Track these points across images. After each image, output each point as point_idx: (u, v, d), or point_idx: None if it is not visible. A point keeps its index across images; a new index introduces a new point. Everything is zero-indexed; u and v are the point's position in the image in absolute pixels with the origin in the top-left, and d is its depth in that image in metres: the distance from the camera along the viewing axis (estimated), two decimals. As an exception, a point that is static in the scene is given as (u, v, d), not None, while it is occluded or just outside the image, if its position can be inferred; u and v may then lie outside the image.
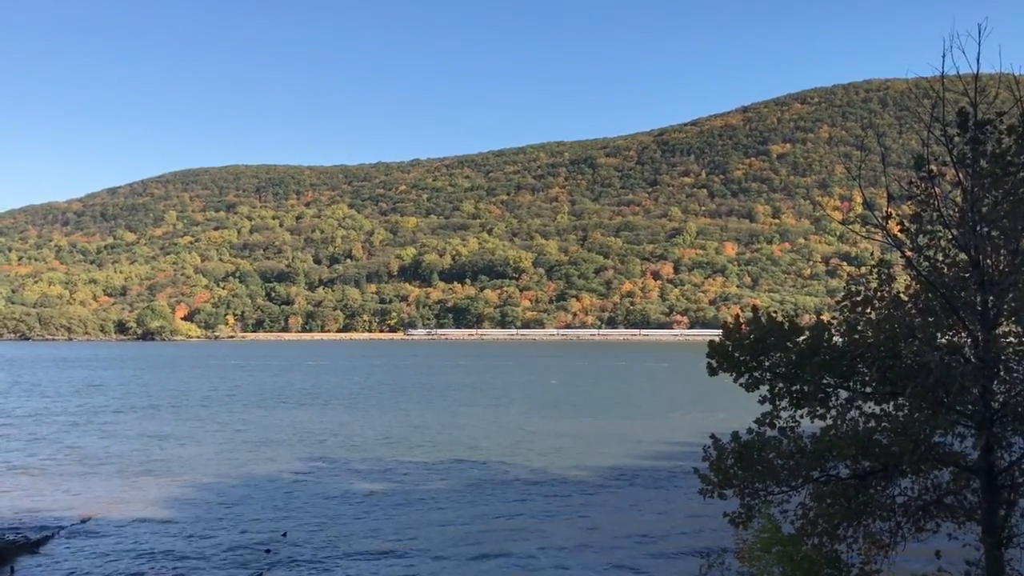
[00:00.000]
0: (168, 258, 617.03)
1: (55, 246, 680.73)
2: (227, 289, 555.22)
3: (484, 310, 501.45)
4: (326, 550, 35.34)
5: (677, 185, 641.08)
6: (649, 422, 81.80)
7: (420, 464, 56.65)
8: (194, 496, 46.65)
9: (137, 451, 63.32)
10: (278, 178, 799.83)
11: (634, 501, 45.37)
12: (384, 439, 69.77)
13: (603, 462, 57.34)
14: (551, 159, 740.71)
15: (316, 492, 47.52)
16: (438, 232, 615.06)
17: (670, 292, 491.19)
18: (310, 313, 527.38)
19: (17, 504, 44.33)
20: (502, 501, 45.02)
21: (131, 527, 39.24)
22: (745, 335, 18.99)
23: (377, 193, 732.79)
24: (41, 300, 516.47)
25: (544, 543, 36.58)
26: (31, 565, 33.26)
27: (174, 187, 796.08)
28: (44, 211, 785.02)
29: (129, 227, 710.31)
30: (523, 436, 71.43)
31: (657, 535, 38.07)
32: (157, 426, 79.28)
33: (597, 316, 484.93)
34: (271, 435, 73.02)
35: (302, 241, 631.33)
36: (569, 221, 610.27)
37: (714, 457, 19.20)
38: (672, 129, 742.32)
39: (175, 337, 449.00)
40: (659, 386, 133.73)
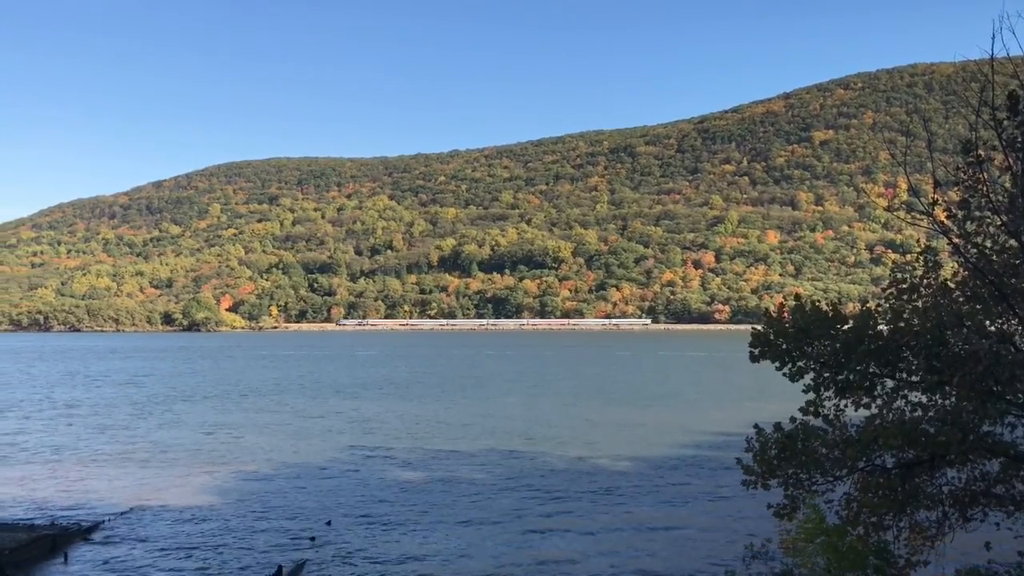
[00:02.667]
0: (213, 250, 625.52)
1: (102, 239, 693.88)
2: (270, 280, 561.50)
3: (523, 300, 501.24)
4: (369, 539, 35.71)
5: (718, 173, 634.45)
6: (691, 412, 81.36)
7: (463, 454, 56.91)
8: (242, 485, 47.36)
9: (188, 440, 64.40)
10: (319, 170, 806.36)
11: (676, 491, 45.19)
12: (429, 428, 70.19)
13: (644, 452, 57.17)
14: (590, 148, 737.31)
15: (361, 481, 47.97)
16: (477, 223, 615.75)
17: (711, 281, 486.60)
18: (352, 304, 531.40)
19: (71, 492, 45.38)
20: (545, 490, 45.11)
21: (179, 514, 39.97)
22: (788, 324, 18.81)
23: (417, 184, 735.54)
24: (90, 292, 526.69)
25: (586, 531, 36.63)
26: (83, 551, 34.03)
27: (218, 180, 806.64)
28: (92, 205, 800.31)
29: (174, 220, 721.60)
30: (566, 426, 71.41)
31: (699, 525, 37.92)
32: (208, 416, 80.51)
33: (637, 306, 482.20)
34: (319, 425, 73.81)
35: (343, 232, 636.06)
36: (608, 210, 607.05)
37: (757, 447, 19.05)
38: (713, 116, 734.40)
39: (220, 328, 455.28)
40: (700, 376, 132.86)
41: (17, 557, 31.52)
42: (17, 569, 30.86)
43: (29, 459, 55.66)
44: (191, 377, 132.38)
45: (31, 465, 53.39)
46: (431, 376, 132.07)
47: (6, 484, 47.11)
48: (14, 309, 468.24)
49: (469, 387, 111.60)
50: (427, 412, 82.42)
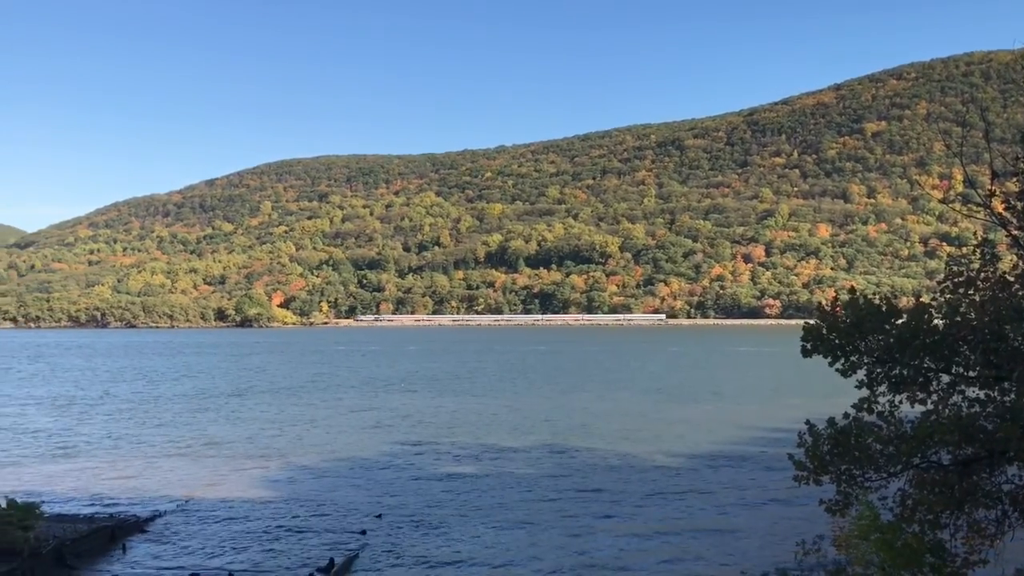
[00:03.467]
0: (264, 247, 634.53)
1: (157, 237, 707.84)
2: (321, 277, 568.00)
3: (570, 295, 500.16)
4: (419, 533, 36.00)
5: (768, 166, 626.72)
6: (741, 408, 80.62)
7: (513, 449, 57.07)
8: (294, 478, 48.06)
9: (243, 434, 65.49)
10: (368, 167, 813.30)
11: (726, 487, 44.86)
12: (478, 423, 70.52)
13: (694, 448, 56.84)
14: (637, 142, 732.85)
15: (411, 475, 48.37)
16: (524, 218, 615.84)
17: (761, 275, 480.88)
18: (400, 299, 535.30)
19: (129, 485, 46.44)
20: (593, 487, 45.06)
21: (233, 507, 40.68)
22: (841, 318, 18.56)
23: (463, 180, 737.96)
24: (145, 289, 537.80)
25: (635, 528, 36.54)
26: (140, 542, 34.82)
27: (269, 178, 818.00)
28: (146, 203, 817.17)
29: (227, 217, 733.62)
30: (614, 422, 71.25)
31: (750, 521, 37.60)
32: (263, 411, 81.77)
33: (686, 300, 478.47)
34: (371, 419, 74.55)
35: (391, 229, 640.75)
36: (656, 204, 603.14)
37: (809, 443, 18.84)
38: (762, 108, 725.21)
39: (272, 324, 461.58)
40: (750, 371, 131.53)
41: (78, 547, 32.37)
42: (78, 559, 31.67)
43: (90, 453, 57.08)
44: (246, 372, 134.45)
45: (91, 459, 54.74)
46: (480, 371, 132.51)
47: (68, 477, 48.39)
48: (73, 306, 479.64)
49: (518, 382, 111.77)
50: (477, 407, 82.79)
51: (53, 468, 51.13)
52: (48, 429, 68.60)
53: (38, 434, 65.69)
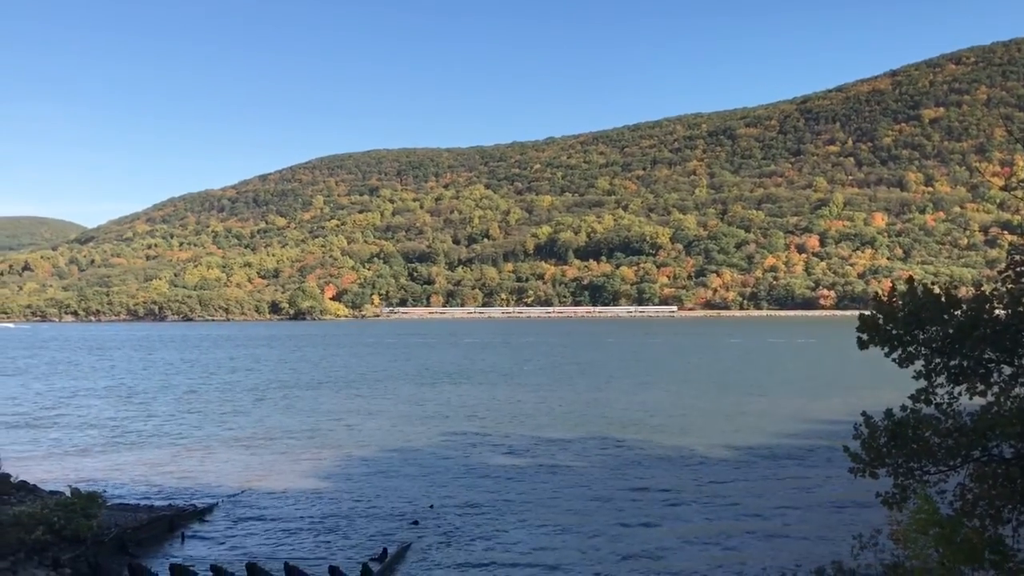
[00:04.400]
0: (316, 241, 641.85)
1: (212, 232, 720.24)
2: (372, 270, 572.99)
3: (620, 287, 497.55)
4: (471, 524, 36.19)
5: (822, 154, 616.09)
6: (795, 400, 79.58)
7: (566, 441, 57.03)
8: (349, 468, 48.62)
9: (299, 425, 66.42)
10: (418, 161, 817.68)
11: (781, 478, 44.37)
12: (532, 415, 70.59)
13: (748, 440, 56.27)
14: (688, 131, 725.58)
15: (464, 466, 48.63)
16: (573, 210, 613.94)
17: (816, 266, 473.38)
18: (450, 292, 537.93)
19: (188, 474, 47.41)
20: (646, 478, 44.88)
21: (288, 497, 41.32)
22: (898, 308, 18.20)
23: (512, 173, 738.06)
24: (201, 283, 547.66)
25: (688, 520, 36.33)
26: (198, 531, 35.55)
27: (320, 173, 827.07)
28: (201, 199, 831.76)
29: (280, 212, 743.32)
30: (669, 414, 70.84)
31: (805, 514, 37.14)
32: (319, 402, 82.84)
33: (739, 292, 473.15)
34: (425, 410, 75.13)
35: (441, 222, 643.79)
36: (708, 194, 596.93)
37: (866, 435, 18.51)
38: (816, 96, 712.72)
39: (324, 316, 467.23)
40: (804, 363, 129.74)
41: (138, 535, 33.16)
42: (139, 547, 32.42)
43: (149, 444, 58.37)
44: (301, 364, 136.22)
45: (151, 449, 55.99)
46: (532, 363, 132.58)
47: (128, 467, 49.56)
48: (131, 300, 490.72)
49: (573, 374, 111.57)
50: (531, 399, 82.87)
51: (114, 458, 52.39)
52: (110, 420, 70.32)
53: (100, 425, 67.39)
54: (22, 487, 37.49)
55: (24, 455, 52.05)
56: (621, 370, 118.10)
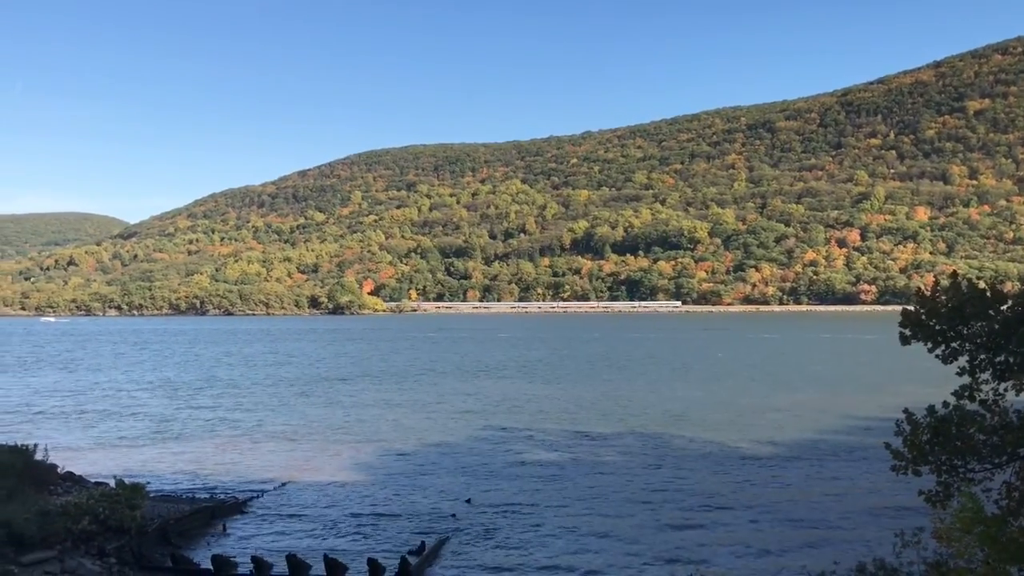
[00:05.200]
0: (355, 236, 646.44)
1: (252, 227, 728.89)
2: (409, 265, 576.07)
3: (658, 282, 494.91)
4: (508, 519, 36.28)
5: (863, 147, 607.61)
6: (834, 396, 78.69)
7: (604, 436, 56.91)
8: (388, 461, 48.97)
9: (339, 418, 66.99)
10: (454, 156, 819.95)
11: (821, 475, 43.93)
12: (571, 410, 70.52)
13: (790, 436, 55.76)
14: (727, 125, 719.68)
15: (504, 461, 48.73)
16: (610, 204, 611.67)
17: (856, 260, 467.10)
18: (486, 287, 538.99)
19: (229, 466, 48.06)
20: (685, 475, 44.65)
21: (328, 490, 41.72)
22: (942, 303, 17.91)
23: (549, 167, 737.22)
24: (241, 277, 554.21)
25: (726, 515, 36.11)
26: (239, 523, 36.02)
27: (359, 168, 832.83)
28: (242, 194, 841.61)
29: (319, 207, 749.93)
30: (707, 410, 70.39)
31: (846, 511, 36.74)
32: (359, 395, 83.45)
33: (778, 287, 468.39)
34: (464, 404, 75.37)
35: (478, 217, 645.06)
36: (747, 188, 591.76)
37: (908, 432, 18.25)
38: (857, 88, 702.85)
39: (363, 311, 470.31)
40: (846, 358, 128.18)
41: (181, 527, 33.69)
42: (181, 537, 32.93)
43: (192, 436, 59.22)
44: (341, 358, 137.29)
45: (194, 441, 56.81)
46: (572, 358, 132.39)
47: (171, 459, 50.34)
48: (173, 294, 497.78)
49: (611, 370, 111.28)
50: (570, 393, 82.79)
51: (158, 450, 53.25)
52: (153, 413, 71.46)
53: (144, 418, 68.53)
54: (68, 478, 38.23)
55: (70, 446, 53.11)
56: (659, 366, 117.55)
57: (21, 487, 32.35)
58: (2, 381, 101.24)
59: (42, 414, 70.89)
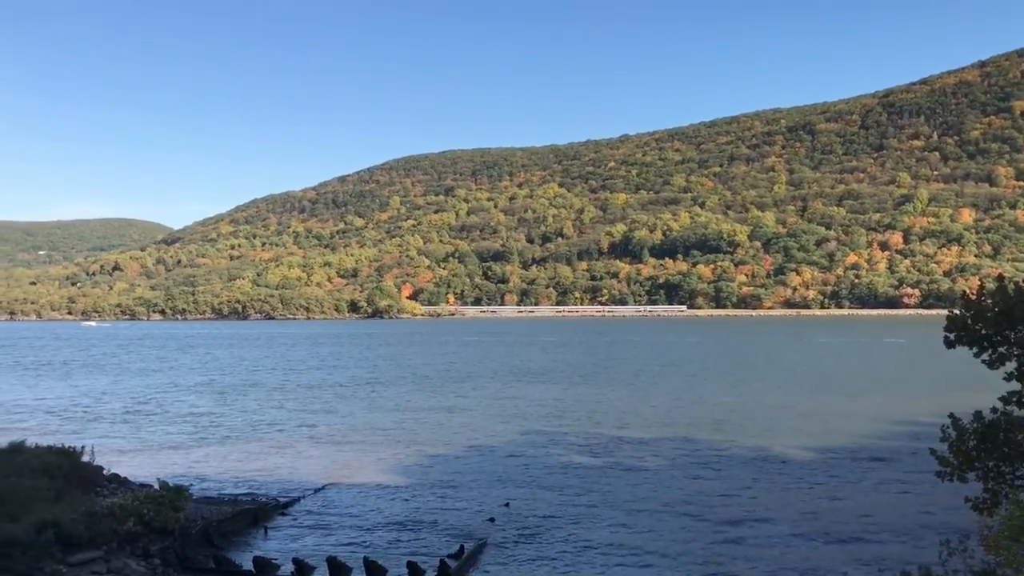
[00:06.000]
0: (393, 241, 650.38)
1: (293, 232, 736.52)
2: (447, 269, 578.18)
3: (697, 286, 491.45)
4: (546, 523, 36.23)
5: (905, 149, 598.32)
6: (877, 400, 77.54)
7: (646, 441, 56.58)
8: (428, 465, 49.17)
9: (380, 421, 67.38)
10: (492, 161, 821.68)
11: (864, 481, 43.30)
12: (613, 414, 70.21)
13: (832, 441, 55.05)
14: (766, 127, 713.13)
15: (541, 464, 48.69)
16: (648, 207, 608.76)
17: (899, 263, 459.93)
18: (524, 291, 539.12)
19: (271, 469, 48.58)
20: (725, 478, 44.32)
21: (368, 493, 41.99)
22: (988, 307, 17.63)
23: (587, 171, 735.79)
24: (282, 282, 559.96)
25: (767, 521, 35.74)
26: (280, 524, 36.38)
27: (397, 173, 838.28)
28: (283, 200, 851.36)
29: (358, 213, 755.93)
30: (749, 414, 69.77)
31: (889, 517, 36.16)
32: (400, 398, 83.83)
33: (819, 290, 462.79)
34: (505, 408, 75.39)
35: (515, 221, 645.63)
36: (787, 191, 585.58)
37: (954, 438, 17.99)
38: (899, 89, 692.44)
39: (401, 315, 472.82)
40: (889, 362, 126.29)
41: (223, 528, 34.09)
42: (223, 539, 33.32)
43: (234, 438, 59.92)
44: (382, 362, 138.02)
45: (235, 444, 57.49)
46: (612, 362, 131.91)
47: (214, 461, 51.00)
48: (215, 299, 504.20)
49: (653, 374, 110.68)
50: (612, 398, 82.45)
51: (201, 452, 53.97)
52: (197, 415, 72.45)
53: (188, 420, 69.50)
54: (114, 479, 38.91)
55: (116, 448, 54.00)
56: (701, 370, 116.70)
57: (69, 488, 33.01)
58: (49, 384, 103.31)
59: (88, 416, 72.19)
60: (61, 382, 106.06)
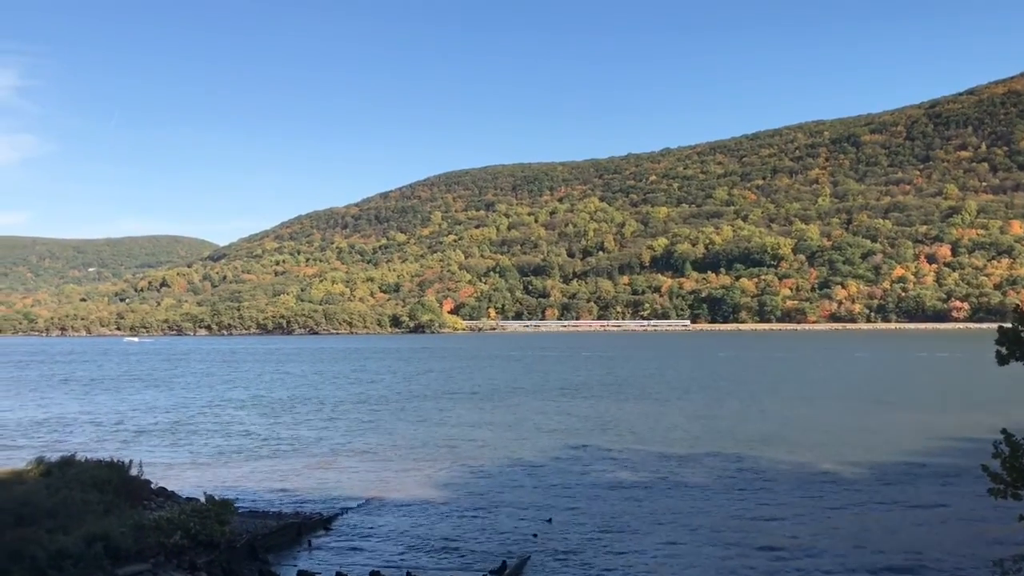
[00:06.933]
0: (435, 256, 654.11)
1: (336, 248, 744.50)
2: (488, 283, 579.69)
3: (740, 300, 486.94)
4: (589, 539, 35.99)
5: (953, 160, 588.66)
6: (928, 415, 75.99)
7: (692, 457, 55.93)
8: (471, 480, 49.14)
9: (424, 436, 67.50)
10: (532, 175, 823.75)
11: (912, 498, 42.38)
12: (657, 430, 69.63)
13: (881, 458, 54.04)
14: (810, 139, 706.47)
15: (585, 481, 48.40)
16: (690, 221, 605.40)
17: (947, 276, 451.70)
18: (565, 305, 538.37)
19: (314, 483, 48.88)
20: (772, 494, 43.68)
21: (411, 507, 42.04)
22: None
23: (628, 185, 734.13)
24: (326, 297, 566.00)
25: (816, 547, 35.10)
26: (324, 539, 36.55)
27: (438, 189, 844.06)
28: (326, 216, 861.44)
29: (400, 228, 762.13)
30: (799, 430, 68.80)
31: (939, 537, 35.33)
32: (445, 413, 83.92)
33: (865, 304, 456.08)
34: (549, 423, 75.12)
35: (556, 235, 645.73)
36: (831, 204, 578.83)
37: (1007, 454, 17.60)
38: (945, 100, 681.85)
39: (443, 329, 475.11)
40: (938, 377, 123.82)
41: (268, 542, 34.37)
42: (268, 552, 33.58)
43: (280, 452, 60.44)
44: (426, 376, 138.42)
45: (281, 458, 57.99)
46: (658, 377, 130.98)
47: (258, 475, 51.49)
48: (260, 314, 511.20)
49: (695, 389, 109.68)
50: (658, 414, 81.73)
51: (246, 466, 54.52)
52: (242, 429, 73.26)
53: (233, 434, 70.30)
54: (160, 493, 39.47)
55: (163, 462, 54.78)
56: (747, 385, 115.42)
57: (117, 501, 33.54)
58: (99, 399, 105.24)
59: (136, 431, 73.34)
60: (110, 396, 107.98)
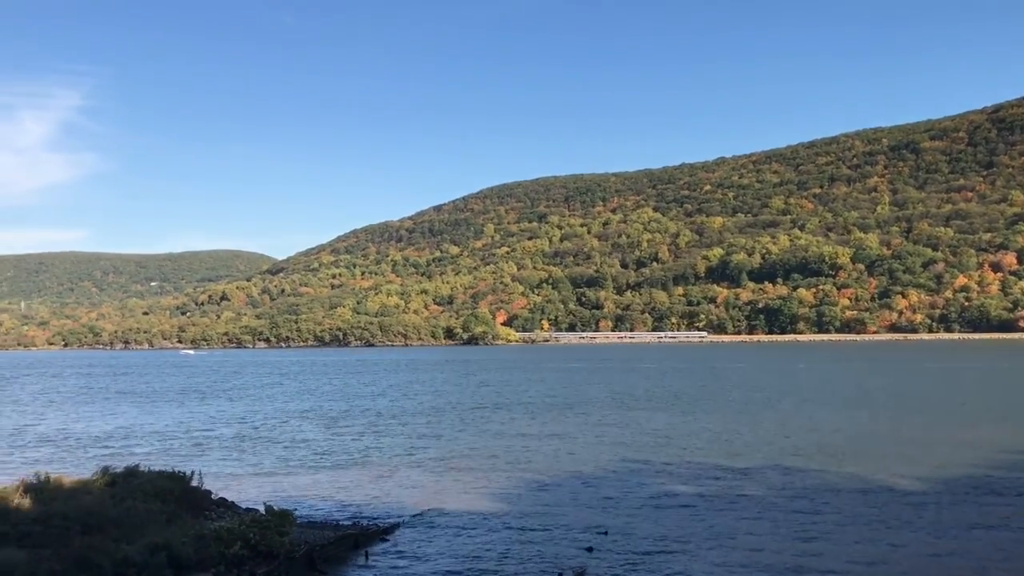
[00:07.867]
0: (488, 268, 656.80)
1: (391, 261, 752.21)
2: (541, 295, 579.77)
3: (798, 310, 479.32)
4: (647, 551, 35.58)
5: (1018, 166, 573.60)
6: (993, 428, 73.76)
7: (752, 470, 54.94)
8: (527, 491, 48.94)
9: (482, 447, 67.46)
10: (585, 186, 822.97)
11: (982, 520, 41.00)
12: (718, 443, 68.59)
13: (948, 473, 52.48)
14: (867, 147, 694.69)
15: (643, 493, 47.86)
16: (746, 231, 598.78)
17: (1014, 285, 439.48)
18: (619, 316, 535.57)
19: (371, 494, 49.11)
20: (835, 515, 42.60)
21: (468, 518, 41.97)
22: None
23: (682, 195, 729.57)
24: (381, 310, 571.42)
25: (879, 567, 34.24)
26: (381, 550, 36.63)
27: (491, 201, 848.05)
28: (381, 230, 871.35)
29: (453, 241, 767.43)
30: (860, 443, 67.32)
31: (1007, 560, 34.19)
32: (503, 425, 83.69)
33: (927, 314, 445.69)
34: (608, 435, 74.40)
35: (609, 246, 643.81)
36: (891, 212, 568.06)
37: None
38: (1010, 104, 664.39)
39: (496, 341, 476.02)
40: (1004, 389, 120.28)
41: (326, 553, 34.57)
42: (326, 563, 33.77)
43: (338, 463, 60.89)
44: (481, 388, 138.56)
45: (339, 468, 58.41)
46: (718, 389, 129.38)
47: (317, 486, 51.92)
48: (317, 327, 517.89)
49: (756, 401, 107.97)
50: (717, 425, 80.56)
51: (304, 477, 55.04)
52: (301, 441, 74.04)
53: (292, 445, 71.08)
54: (221, 503, 39.99)
55: (223, 473, 55.59)
56: (808, 397, 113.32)
57: (179, 512, 34.11)
58: (161, 410, 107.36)
59: (197, 442, 74.55)
60: (172, 408, 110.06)
